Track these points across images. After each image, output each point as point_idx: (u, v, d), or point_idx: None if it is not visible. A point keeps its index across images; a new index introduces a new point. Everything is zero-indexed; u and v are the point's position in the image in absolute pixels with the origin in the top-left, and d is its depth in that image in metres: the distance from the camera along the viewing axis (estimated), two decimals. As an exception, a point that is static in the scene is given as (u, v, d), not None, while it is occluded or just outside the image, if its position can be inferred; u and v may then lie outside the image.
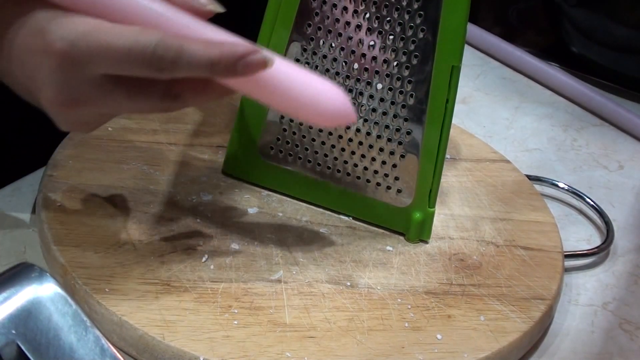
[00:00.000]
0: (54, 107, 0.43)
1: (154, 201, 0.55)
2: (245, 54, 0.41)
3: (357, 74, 0.53)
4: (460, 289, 0.53)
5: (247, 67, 0.42)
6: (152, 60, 0.41)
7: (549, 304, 0.53)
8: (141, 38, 0.41)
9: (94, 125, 0.47)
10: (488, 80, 0.84)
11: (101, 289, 0.47)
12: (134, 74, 0.42)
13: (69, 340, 0.32)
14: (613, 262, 0.62)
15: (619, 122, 0.79)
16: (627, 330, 0.56)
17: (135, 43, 0.40)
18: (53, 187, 0.54)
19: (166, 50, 0.41)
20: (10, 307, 0.32)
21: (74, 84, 0.42)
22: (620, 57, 0.84)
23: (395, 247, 0.56)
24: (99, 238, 0.51)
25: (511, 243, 0.58)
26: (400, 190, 0.56)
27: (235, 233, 0.54)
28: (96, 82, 0.42)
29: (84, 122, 0.46)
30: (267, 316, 0.48)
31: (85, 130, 0.47)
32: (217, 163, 0.59)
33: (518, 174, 0.65)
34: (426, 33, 0.51)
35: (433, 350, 0.48)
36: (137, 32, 0.41)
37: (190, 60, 0.41)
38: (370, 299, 0.51)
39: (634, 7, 0.82)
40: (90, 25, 0.41)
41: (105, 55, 0.41)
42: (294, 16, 0.53)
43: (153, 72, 0.41)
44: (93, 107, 0.43)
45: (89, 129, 0.47)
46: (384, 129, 0.54)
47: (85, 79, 0.42)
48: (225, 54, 0.41)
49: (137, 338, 0.46)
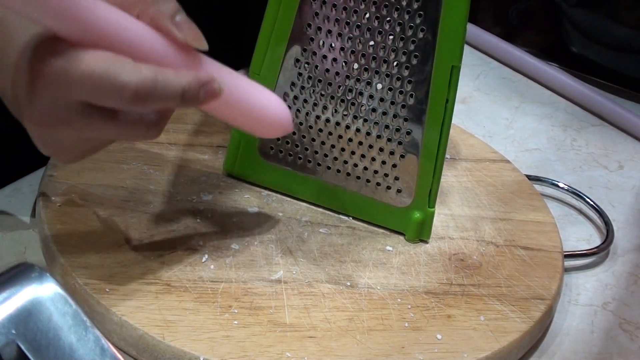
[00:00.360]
0: (34, 127, 0.44)
1: (154, 201, 0.55)
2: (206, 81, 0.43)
3: (357, 74, 0.53)
4: (460, 289, 0.53)
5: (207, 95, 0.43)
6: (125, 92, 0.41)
7: (548, 304, 0.53)
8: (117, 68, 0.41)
9: (76, 153, 0.46)
10: (488, 80, 0.84)
11: (101, 289, 0.47)
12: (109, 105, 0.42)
13: (69, 340, 0.32)
14: (613, 262, 0.62)
15: (619, 122, 0.79)
16: (627, 330, 0.56)
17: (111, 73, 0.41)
18: (53, 187, 0.54)
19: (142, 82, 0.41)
20: (10, 307, 0.32)
21: (53, 105, 0.42)
22: (620, 57, 0.84)
23: (395, 247, 0.56)
24: (99, 238, 0.51)
25: (511, 243, 0.58)
26: (400, 190, 0.56)
27: (235, 233, 0.54)
28: (74, 106, 0.42)
29: (64, 148, 0.46)
30: (267, 316, 0.48)
31: (64, 157, 0.47)
32: (217, 163, 0.59)
33: (518, 174, 0.65)
34: (426, 33, 0.51)
35: (433, 350, 0.48)
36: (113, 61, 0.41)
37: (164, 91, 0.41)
38: (370, 299, 0.51)
39: (634, 7, 0.82)
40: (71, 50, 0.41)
41: (81, 83, 0.41)
42: (294, 16, 0.53)
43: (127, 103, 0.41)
44: (71, 130, 0.44)
45: (70, 158, 0.47)
46: (384, 129, 0.54)
47: (63, 101, 0.42)
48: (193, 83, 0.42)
49: (137, 338, 0.46)
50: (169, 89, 0.42)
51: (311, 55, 0.54)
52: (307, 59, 0.54)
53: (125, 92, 0.41)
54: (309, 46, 0.54)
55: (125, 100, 0.41)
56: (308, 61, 0.54)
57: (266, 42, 0.54)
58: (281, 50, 0.54)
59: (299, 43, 0.54)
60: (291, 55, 0.54)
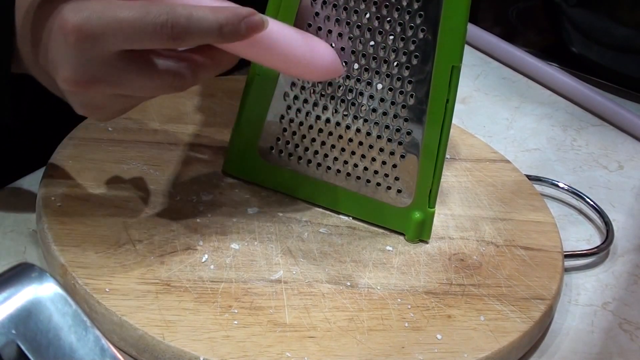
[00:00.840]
0: (69, 87, 0.44)
1: (154, 201, 0.55)
2: (247, 14, 0.44)
3: (357, 74, 0.53)
4: (460, 289, 0.53)
5: (249, 28, 0.45)
6: (164, 30, 0.42)
7: (548, 304, 0.53)
8: (151, 9, 0.42)
9: (109, 111, 0.48)
10: (488, 80, 0.84)
11: (101, 289, 0.47)
12: (147, 46, 0.43)
13: (69, 340, 0.32)
14: (613, 262, 0.62)
15: (619, 122, 0.79)
16: (627, 330, 0.56)
17: (147, 14, 0.42)
18: (53, 187, 0.53)
19: (177, 19, 0.42)
20: (10, 307, 0.32)
21: (88, 61, 0.43)
22: (620, 57, 0.84)
23: (395, 247, 0.56)
24: (99, 238, 0.51)
25: (511, 243, 0.58)
26: (400, 190, 0.56)
27: (235, 233, 0.54)
28: (110, 60, 0.43)
29: (99, 106, 0.47)
30: (267, 316, 0.48)
31: (100, 116, 0.48)
32: (217, 163, 0.59)
33: (518, 174, 0.65)
34: (426, 33, 0.51)
35: (433, 350, 0.48)
36: (147, 5, 0.43)
37: (200, 26, 0.43)
38: (370, 299, 0.51)
39: (634, 7, 0.82)
40: (102, 3, 0.43)
41: (117, 29, 0.42)
42: (294, 16, 0.53)
43: (165, 42, 0.43)
44: (107, 86, 0.45)
45: (104, 116, 0.48)
46: (384, 129, 0.54)
47: (100, 56, 0.43)
48: (231, 17, 0.44)
49: (137, 338, 0.46)
50: (204, 23, 0.43)
51: (311, 55, 0.54)
52: (307, 59, 0.54)
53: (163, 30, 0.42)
54: (309, 46, 0.54)
55: (163, 38, 0.43)
56: (308, 61, 0.54)
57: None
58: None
59: (299, 43, 0.54)
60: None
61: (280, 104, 0.55)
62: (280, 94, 0.55)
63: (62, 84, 0.44)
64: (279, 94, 0.55)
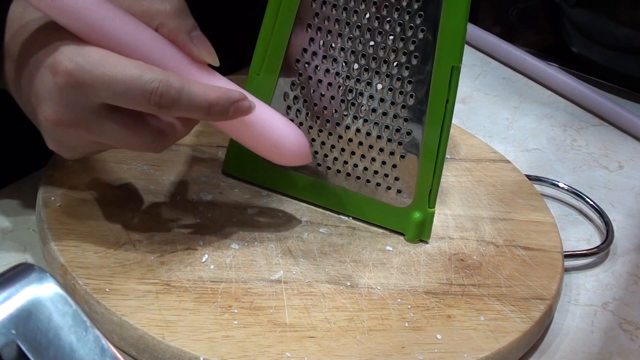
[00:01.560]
0: (48, 124, 0.44)
1: (154, 201, 0.55)
2: (238, 99, 0.45)
3: (357, 74, 0.53)
4: (460, 289, 0.53)
5: (237, 112, 0.46)
6: (152, 97, 0.43)
7: (548, 304, 0.53)
8: (146, 73, 0.43)
9: (81, 152, 0.48)
10: (488, 80, 0.84)
11: (101, 289, 0.47)
12: (133, 107, 0.44)
13: (69, 340, 0.32)
14: (613, 262, 0.62)
15: (619, 122, 0.79)
16: (627, 330, 0.56)
17: (140, 77, 0.42)
18: (53, 187, 0.54)
19: (168, 89, 0.43)
20: (10, 307, 0.32)
21: (72, 105, 0.43)
22: (620, 57, 0.84)
23: (395, 247, 0.56)
24: (99, 238, 0.51)
25: (511, 243, 0.58)
26: (400, 190, 0.56)
27: (235, 233, 0.54)
28: (94, 108, 0.44)
29: (72, 147, 0.47)
30: (267, 316, 0.48)
31: (70, 154, 0.48)
32: (217, 163, 0.59)
33: (518, 174, 0.65)
34: (426, 33, 0.51)
35: (433, 350, 0.48)
36: (143, 68, 0.43)
37: (189, 100, 0.44)
38: (370, 299, 0.51)
39: (634, 7, 0.82)
40: (99, 54, 0.43)
41: (108, 84, 0.42)
42: (294, 17, 0.53)
43: (151, 108, 0.43)
44: (86, 133, 0.45)
45: (74, 155, 0.48)
46: (384, 129, 0.54)
47: (85, 103, 0.43)
48: (222, 99, 0.45)
49: (137, 338, 0.46)
50: (194, 99, 0.44)
51: (311, 55, 0.54)
52: (308, 59, 0.54)
53: (152, 97, 0.43)
54: (310, 46, 0.54)
55: (150, 104, 0.43)
56: (308, 61, 0.54)
57: (266, 42, 0.54)
58: (281, 51, 0.54)
59: (300, 43, 0.54)
60: (291, 56, 0.54)
61: (280, 104, 0.55)
62: (280, 94, 0.55)
63: (41, 119, 0.44)
64: (279, 94, 0.55)
